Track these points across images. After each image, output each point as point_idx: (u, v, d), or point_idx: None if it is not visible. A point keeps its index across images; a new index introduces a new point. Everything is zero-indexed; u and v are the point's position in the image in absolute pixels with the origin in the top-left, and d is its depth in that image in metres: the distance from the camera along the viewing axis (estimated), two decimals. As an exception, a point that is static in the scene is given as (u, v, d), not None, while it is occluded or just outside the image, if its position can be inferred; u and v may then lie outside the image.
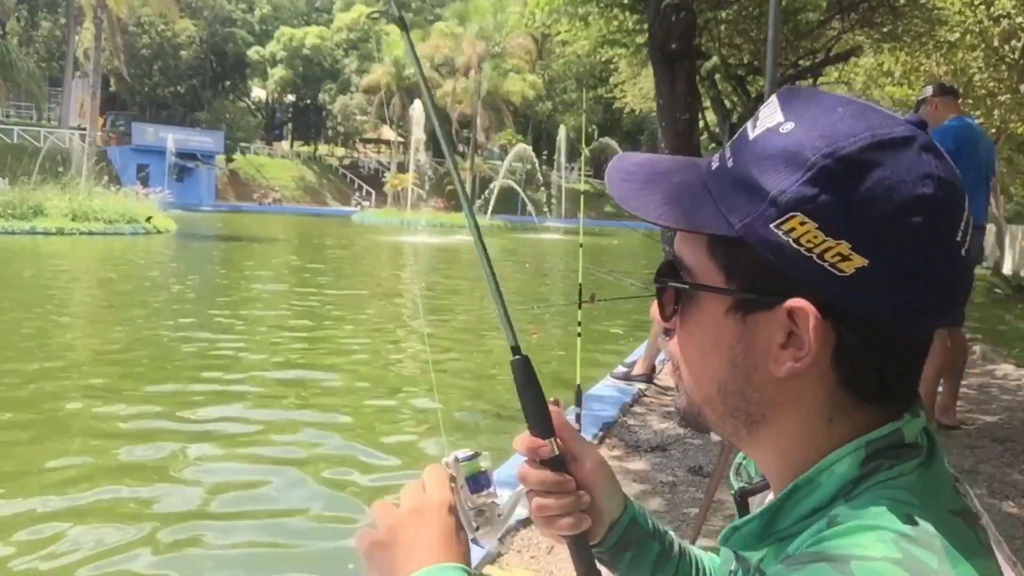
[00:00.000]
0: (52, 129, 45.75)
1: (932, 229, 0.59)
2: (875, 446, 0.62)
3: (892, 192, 0.58)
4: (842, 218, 0.59)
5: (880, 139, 0.60)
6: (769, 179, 0.61)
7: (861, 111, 0.62)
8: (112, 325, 9.54)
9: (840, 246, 0.59)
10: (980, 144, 4.97)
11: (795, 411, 0.65)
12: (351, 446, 5.30)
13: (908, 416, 0.64)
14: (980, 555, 0.59)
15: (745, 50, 13.29)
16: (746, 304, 0.64)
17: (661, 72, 4.74)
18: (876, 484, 0.61)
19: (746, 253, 0.63)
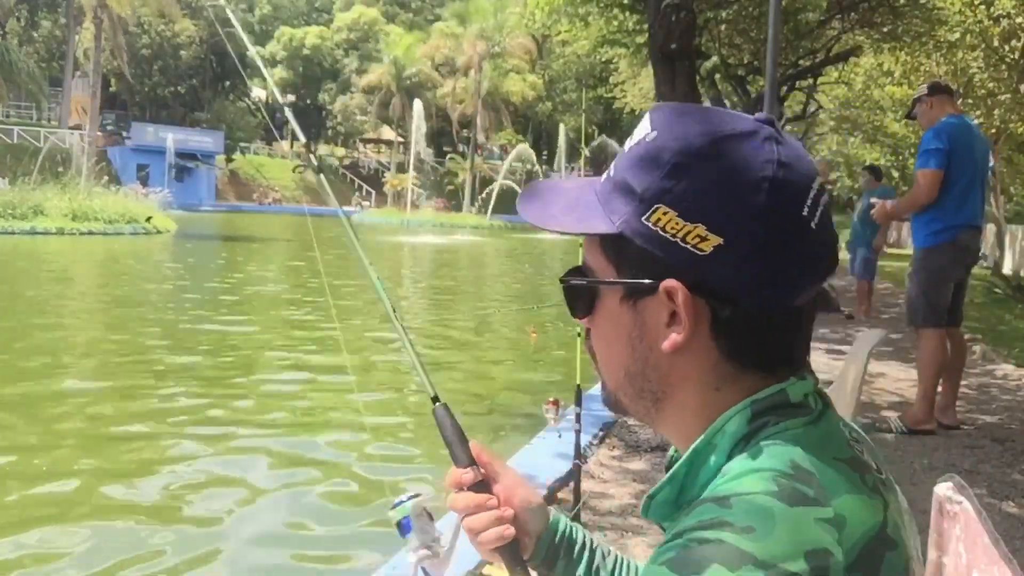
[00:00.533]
0: (52, 129, 45.75)
1: (775, 206, 0.67)
2: (760, 405, 0.69)
3: (735, 176, 0.67)
4: (696, 204, 0.67)
5: (725, 134, 0.68)
6: (638, 180, 0.70)
7: (713, 114, 0.71)
8: (113, 324, 9.54)
9: (697, 228, 0.67)
10: (975, 143, 4.92)
11: (687, 384, 0.72)
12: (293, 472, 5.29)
13: (794, 379, 0.71)
14: (863, 494, 0.65)
15: (745, 50, 13.30)
16: (634, 292, 0.72)
17: (661, 72, 4.74)
18: (764, 438, 0.67)
19: (628, 247, 0.71)
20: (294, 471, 4.81)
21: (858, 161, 21.80)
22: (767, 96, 6.25)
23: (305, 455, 5.10)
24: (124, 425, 5.54)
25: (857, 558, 0.60)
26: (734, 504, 0.61)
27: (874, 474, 0.69)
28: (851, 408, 2.96)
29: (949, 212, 4.75)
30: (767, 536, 0.58)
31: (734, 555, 0.57)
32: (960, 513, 0.95)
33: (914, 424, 4.80)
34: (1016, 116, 15.08)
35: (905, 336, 7.75)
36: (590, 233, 0.73)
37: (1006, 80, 13.58)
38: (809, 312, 0.72)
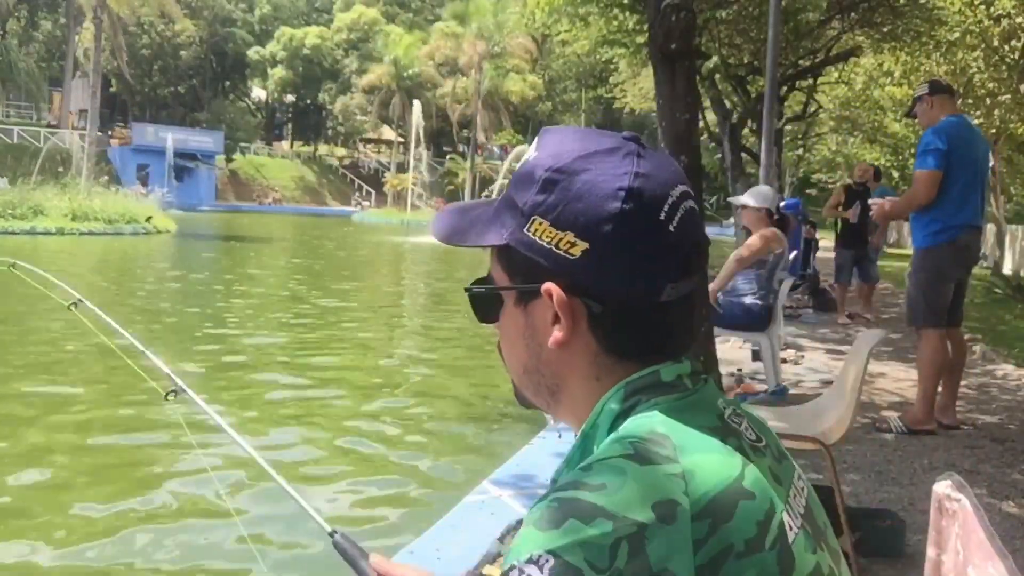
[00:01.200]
0: (53, 129, 45.75)
1: (632, 212, 0.74)
2: (634, 386, 0.77)
3: (595, 188, 0.75)
4: (564, 213, 0.76)
5: (588, 151, 0.77)
6: (519, 196, 0.79)
7: (584, 135, 0.80)
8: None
9: (567, 235, 0.76)
10: (975, 143, 4.91)
11: (574, 377, 0.81)
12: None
13: (670, 363, 0.78)
14: (719, 453, 0.71)
15: (745, 50, 13.30)
16: (523, 296, 0.81)
17: (661, 72, 4.73)
18: (635, 415, 0.75)
19: (515, 256, 0.79)
20: (288, 471, 4.82)
21: (858, 161, 21.77)
22: (767, 96, 6.26)
23: (299, 455, 5.11)
24: (127, 424, 5.55)
25: (706, 506, 0.66)
26: (593, 467, 0.69)
27: (744, 440, 0.76)
28: (851, 408, 2.96)
29: (948, 212, 4.74)
30: (617, 491, 0.65)
31: (587, 509, 0.64)
32: (959, 511, 0.95)
33: (914, 424, 4.80)
34: (1016, 116, 15.08)
35: (905, 336, 7.75)
36: (483, 245, 0.82)
37: (1006, 80, 13.57)
38: (682, 306, 0.78)
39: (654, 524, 0.64)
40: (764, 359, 5.69)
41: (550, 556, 0.63)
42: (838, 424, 2.99)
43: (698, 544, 0.65)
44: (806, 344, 7.86)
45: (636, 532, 0.63)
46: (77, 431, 5.39)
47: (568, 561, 0.62)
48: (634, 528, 0.63)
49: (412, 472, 4.85)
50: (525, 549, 0.65)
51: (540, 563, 0.63)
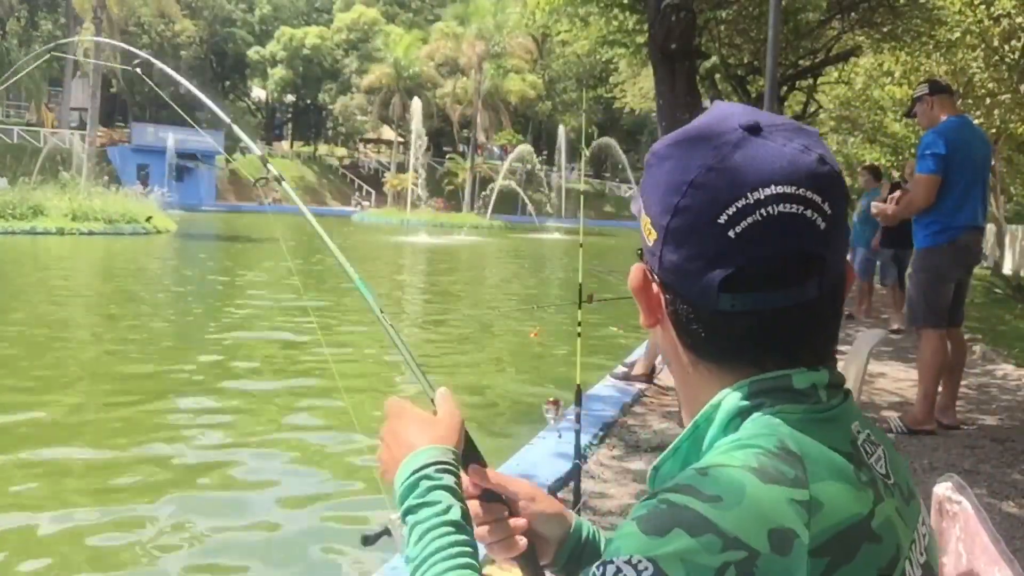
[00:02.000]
0: (53, 129, 45.74)
1: (688, 209, 0.69)
2: (760, 385, 0.70)
3: (670, 176, 0.71)
4: (646, 199, 0.74)
5: (688, 137, 0.73)
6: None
7: (711, 119, 0.74)
8: (113, 324, 9.54)
9: (647, 221, 0.74)
10: (975, 144, 4.91)
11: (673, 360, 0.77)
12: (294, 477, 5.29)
13: (804, 368, 0.70)
14: (851, 485, 0.65)
15: (745, 50, 13.29)
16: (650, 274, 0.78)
17: (661, 72, 4.74)
18: (757, 417, 0.69)
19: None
20: (287, 472, 4.81)
21: (858, 161, 21.79)
22: (767, 96, 6.26)
23: (298, 456, 5.11)
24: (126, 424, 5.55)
25: (826, 543, 0.61)
26: (709, 473, 0.63)
27: (876, 474, 0.69)
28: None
29: (948, 213, 4.74)
30: (733, 508, 0.60)
31: (698, 522, 0.59)
32: (960, 513, 0.95)
33: (914, 424, 4.80)
34: (1016, 116, 15.07)
35: (905, 336, 7.75)
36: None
37: (1006, 80, 13.56)
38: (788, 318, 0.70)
39: (767, 553, 0.58)
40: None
41: (650, 564, 0.58)
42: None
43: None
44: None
45: (746, 558, 0.58)
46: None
47: (667, 574, 0.58)
48: (744, 554, 0.58)
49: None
50: (626, 548, 0.60)
51: (639, 568, 0.59)
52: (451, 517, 0.85)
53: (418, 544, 0.84)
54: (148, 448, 5.05)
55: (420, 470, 0.89)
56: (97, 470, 4.69)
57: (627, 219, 46.99)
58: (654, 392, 5.92)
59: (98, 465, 4.77)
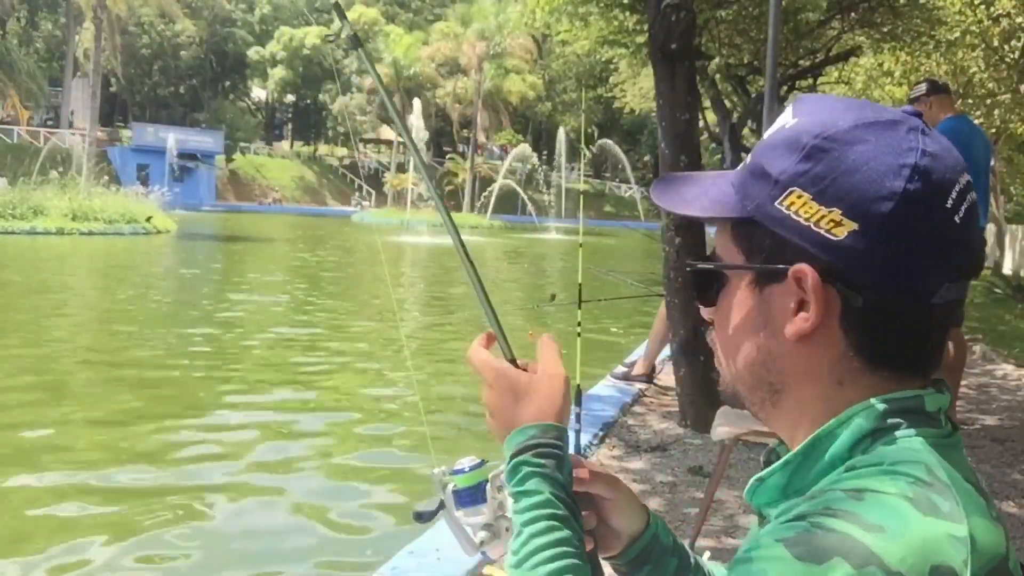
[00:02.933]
0: (53, 129, 45.74)
1: (916, 195, 0.64)
2: (895, 405, 0.66)
3: (875, 161, 0.65)
4: (832, 187, 0.65)
5: (867, 121, 0.67)
6: (774, 164, 0.69)
7: (858, 104, 0.70)
8: (112, 324, 9.54)
9: (832, 213, 0.65)
10: (974, 144, 4.89)
11: (809, 376, 0.70)
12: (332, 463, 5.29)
13: (932, 390, 0.69)
14: (990, 521, 0.62)
15: (745, 50, 13.28)
16: (762, 277, 0.71)
17: (661, 72, 4.73)
18: (894, 440, 0.65)
19: (758, 231, 0.70)
20: (290, 473, 4.82)
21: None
22: (767, 96, 6.25)
23: (297, 455, 5.11)
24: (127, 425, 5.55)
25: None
26: (867, 499, 0.59)
27: (992, 505, 0.66)
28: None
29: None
30: (898, 540, 0.56)
31: (861, 552, 0.55)
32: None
33: (914, 424, 4.80)
34: (1016, 116, 15.07)
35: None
36: (719, 217, 0.73)
37: (1006, 80, 13.57)
38: (947, 317, 0.68)
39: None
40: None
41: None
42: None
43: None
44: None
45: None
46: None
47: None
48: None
49: (412, 472, 4.85)
50: (773, 571, 0.56)
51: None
52: (550, 510, 0.78)
53: (518, 539, 0.78)
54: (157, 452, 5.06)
55: (520, 454, 0.83)
56: (98, 470, 4.69)
57: (627, 219, 47.03)
58: (654, 392, 5.92)
59: (98, 464, 4.77)
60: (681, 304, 4.95)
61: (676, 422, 5.04)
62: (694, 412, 4.91)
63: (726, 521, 3.50)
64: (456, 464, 0.94)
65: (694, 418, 4.90)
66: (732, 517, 3.56)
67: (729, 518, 3.55)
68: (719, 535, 3.35)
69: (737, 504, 3.72)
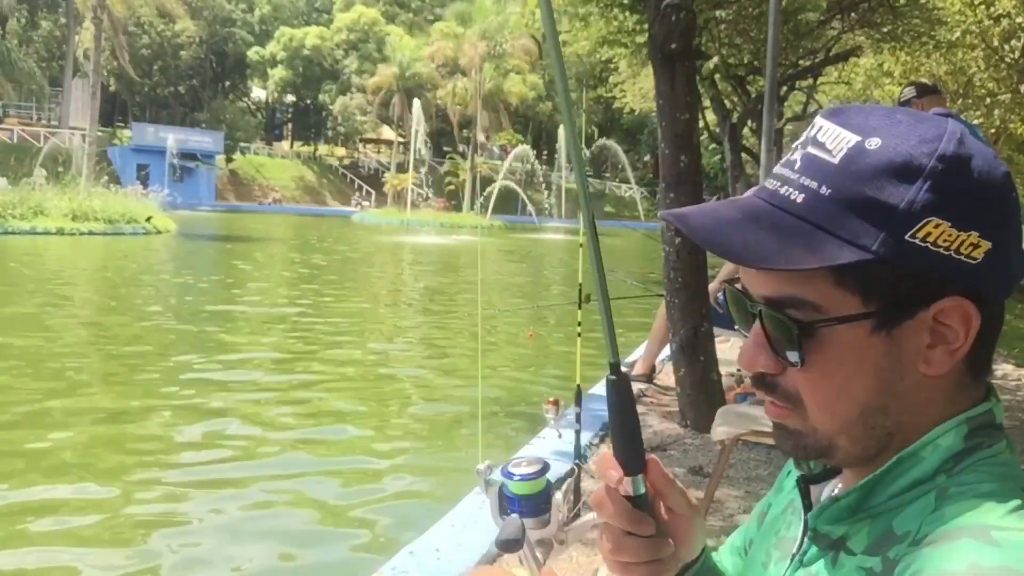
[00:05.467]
0: (53, 129, 45.74)
1: (1013, 197, 0.65)
2: (976, 423, 0.66)
3: (990, 176, 0.64)
4: (967, 210, 0.63)
5: (956, 135, 0.64)
6: (890, 193, 0.62)
7: (911, 115, 0.66)
8: (112, 324, 9.54)
9: (971, 236, 0.62)
10: None
11: (932, 408, 0.67)
12: (361, 461, 5.29)
13: (994, 399, 0.68)
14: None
15: (745, 50, 13.29)
16: (891, 319, 0.64)
17: (661, 72, 4.74)
18: (978, 460, 0.64)
19: (881, 271, 0.63)
20: (290, 472, 4.82)
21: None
22: (767, 96, 6.26)
23: (297, 455, 5.11)
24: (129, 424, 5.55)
25: None
26: (999, 540, 0.56)
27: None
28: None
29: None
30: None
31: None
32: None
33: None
34: (1016, 116, 15.06)
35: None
36: (835, 264, 0.63)
37: (1006, 80, 13.57)
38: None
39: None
40: (764, 359, 5.68)
41: None
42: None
43: None
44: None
45: None
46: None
47: None
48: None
49: (411, 472, 4.85)
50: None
51: None
52: None
53: None
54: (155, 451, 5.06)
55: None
56: (95, 472, 4.69)
57: (627, 219, 46.99)
58: (654, 392, 5.92)
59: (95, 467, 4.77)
60: (681, 304, 4.95)
61: (676, 422, 5.04)
62: (694, 412, 4.91)
63: (726, 521, 3.51)
64: (511, 464, 0.84)
65: (694, 418, 4.90)
66: (732, 517, 3.57)
67: (729, 518, 3.56)
68: (719, 535, 3.35)
69: (737, 504, 3.72)
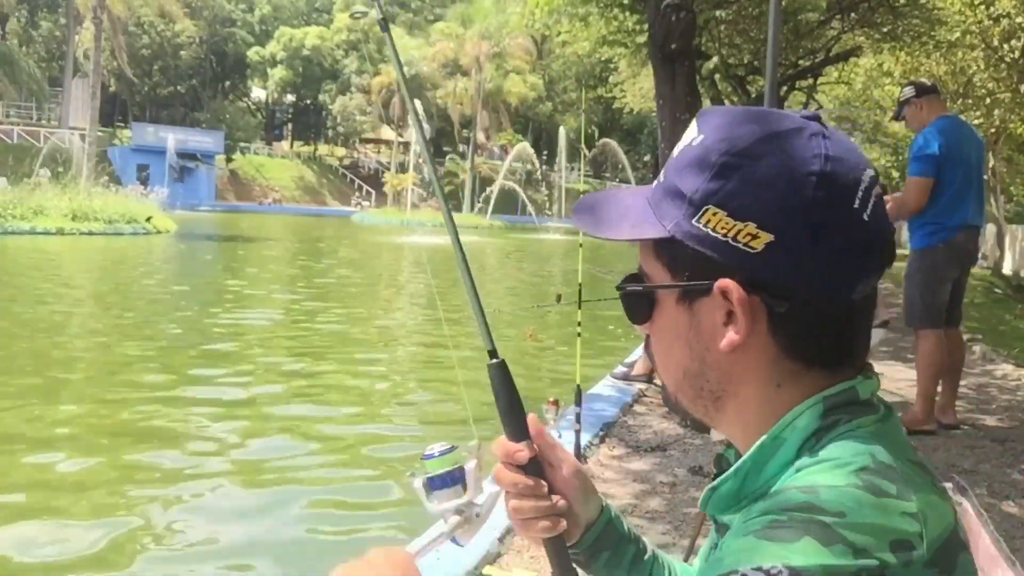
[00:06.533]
0: (52, 129, 45.75)
1: (824, 199, 0.67)
2: (832, 401, 0.70)
3: (783, 173, 0.68)
4: (744, 202, 0.68)
5: (770, 132, 0.70)
6: (686, 183, 0.72)
7: (758, 115, 0.72)
8: (112, 324, 9.54)
9: (748, 227, 0.68)
10: (967, 143, 4.89)
11: (747, 383, 0.73)
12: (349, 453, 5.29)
13: (862, 377, 0.71)
14: (936, 495, 0.66)
15: (745, 50, 13.30)
16: (689, 293, 0.73)
17: (661, 72, 4.74)
18: (837, 435, 0.68)
19: (680, 250, 0.72)
20: (290, 472, 4.82)
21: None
22: (767, 96, 6.25)
23: (298, 455, 5.11)
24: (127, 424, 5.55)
25: (935, 554, 0.61)
26: (821, 492, 0.62)
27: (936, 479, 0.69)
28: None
29: (944, 213, 4.75)
30: (858, 523, 0.60)
31: (828, 533, 0.59)
32: (960, 515, 0.94)
33: (914, 424, 4.80)
34: (1016, 116, 15.07)
35: (905, 336, 7.75)
36: (642, 239, 0.75)
37: (1006, 80, 13.57)
38: (868, 307, 0.72)
39: (895, 566, 0.59)
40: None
41: (785, 570, 0.57)
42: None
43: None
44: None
45: (877, 568, 0.58)
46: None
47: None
48: (875, 563, 0.58)
49: (411, 471, 4.85)
50: (753, 558, 0.59)
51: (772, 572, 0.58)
52: None
53: None
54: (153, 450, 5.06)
55: None
56: (98, 470, 4.69)
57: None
58: (654, 392, 5.92)
59: (97, 466, 4.77)
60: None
61: (676, 422, 5.03)
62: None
63: (726, 521, 3.50)
64: (426, 449, 0.91)
65: (694, 418, 4.88)
66: (732, 517, 3.56)
67: (729, 518, 3.55)
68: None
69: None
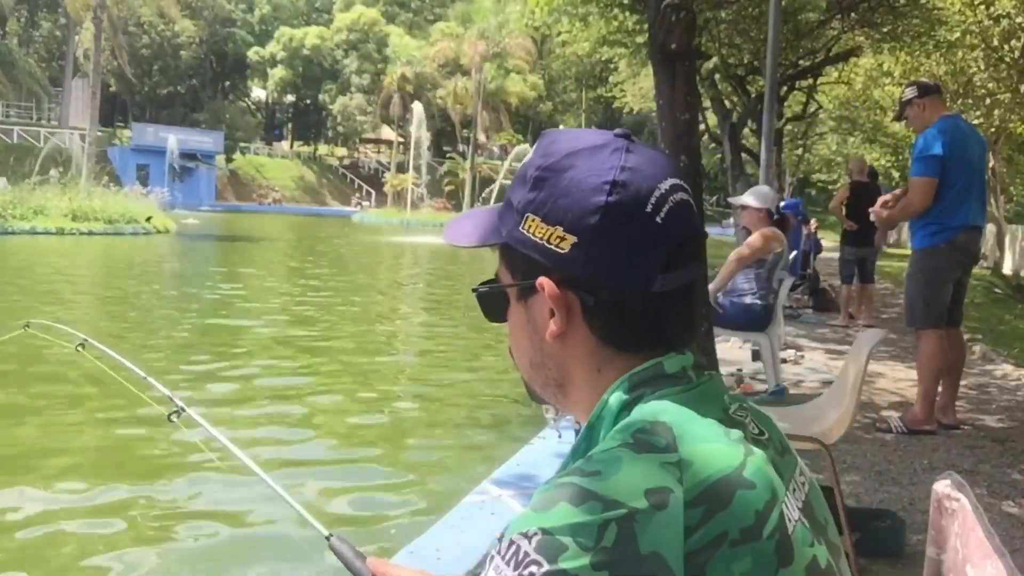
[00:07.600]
0: (53, 129, 45.75)
1: (616, 204, 0.77)
2: (638, 378, 0.79)
3: (581, 183, 0.78)
4: (552, 209, 0.79)
5: (575, 149, 0.80)
6: (515, 196, 0.83)
7: (576, 135, 0.83)
8: (111, 324, 9.54)
9: (557, 230, 0.78)
10: (969, 143, 4.89)
11: (576, 369, 0.83)
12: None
13: (672, 354, 0.81)
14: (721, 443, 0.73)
15: (745, 50, 13.30)
16: (524, 292, 0.84)
17: (661, 72, 4.73)
18: (642, 405, 0.77)
19: (514, 254, 0.83)
20: (290, 471, 4.82)
21: (855, 158, 21.81)
22: (767, 96, 6.27)
23: (298, 455, 5.11)
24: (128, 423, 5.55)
25: (701, 494, 0.68)
26: (592, 457, 0.71)
27: (747, 432, 0.77)
28: (851, 408, 2.96)
29: (946, 214, 4.75)
30: (610, 478, 0.68)
31: (580, 493, 0.67)
32: (958, 510, 0.95)
33: (914, 424, 4.80)
34: (1016, 116, 15.07)
35: (905, 336, 7.75)
36: (485, 245, 0.86)
37: (1006, 80, 13.57)
38: (679, 298, 0.80)
39: (646, 510, 0.66)
40: (764, 359, 5.70)
41: (539, 531, 0.66)
42: (838, 424, 2.99)
43: (690, 530, 0.66)
44: (806, 344, 7.86)
45: (626, 516, 0.65)
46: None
47: (556, 536, 0.65)
48: (624, 512, 0.65)
49: (412, 472, 4.85)
50: (516, 527, 0.67)
51: (528, 534, 0.66)
52: None
53: None
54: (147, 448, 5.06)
55: None
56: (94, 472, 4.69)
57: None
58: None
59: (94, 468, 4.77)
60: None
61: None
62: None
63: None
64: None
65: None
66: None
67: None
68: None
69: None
